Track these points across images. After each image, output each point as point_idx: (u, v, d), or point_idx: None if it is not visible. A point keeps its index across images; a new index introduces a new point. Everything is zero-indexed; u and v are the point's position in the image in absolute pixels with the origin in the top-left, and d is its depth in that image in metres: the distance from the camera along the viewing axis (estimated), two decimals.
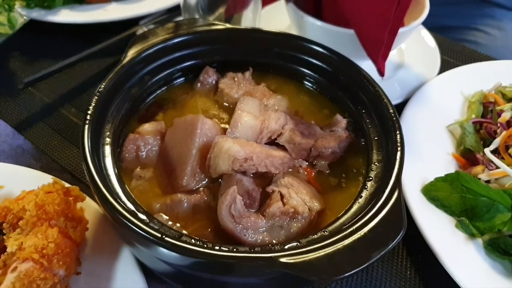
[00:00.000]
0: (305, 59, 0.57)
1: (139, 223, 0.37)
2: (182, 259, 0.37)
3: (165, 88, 0.57)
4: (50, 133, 0.68)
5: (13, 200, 0.49)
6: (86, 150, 0.42)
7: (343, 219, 0.41)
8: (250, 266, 0.36)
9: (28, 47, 0.82)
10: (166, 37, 0.57)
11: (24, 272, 0.42)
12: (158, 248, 0.37)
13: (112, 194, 0.39)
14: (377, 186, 0.44)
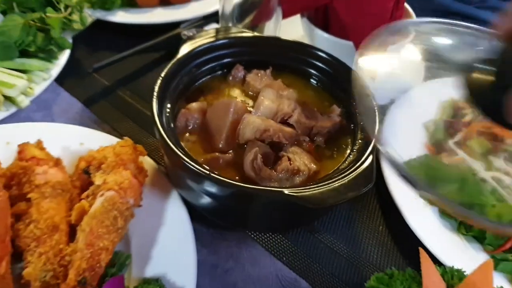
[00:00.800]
0: (312, 62, 0.75)
1: (194, 163, 0.56)
2: (222, 190, 0.55)
3: (206, 78, 0.75)
4: (110, 109, 0.87)
5: (95, 151, 0.68)
6: (155, 116, 0.61)
7: (331, 175, 0.60)
8: (265, 196, 0.55)
9: (92, 41, 1.02)
10: (209, 39, 0.76)
11: (109, 197, 0.60)
12: (206, 181, 0.55)
13: (175, 145, 0.58)
14: (358, 155, 0.62)
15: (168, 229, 0.63)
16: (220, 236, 0.68)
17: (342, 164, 0.62)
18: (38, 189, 0.61)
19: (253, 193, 0.54)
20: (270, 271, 0.64)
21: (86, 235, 0.56)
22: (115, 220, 0.58)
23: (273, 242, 0.67)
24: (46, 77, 0.84)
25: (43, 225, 0.57)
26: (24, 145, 0.66)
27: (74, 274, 0.53)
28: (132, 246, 0.62)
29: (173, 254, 0.61)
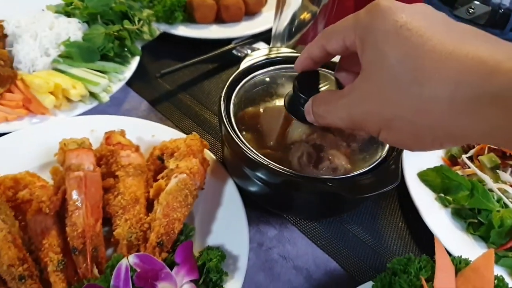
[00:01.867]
0: None
1: (253, 154, 0.69)
2: (275, 178, 0.68)
3: (261, 87, 0.89)
4: (172, 109, 1.01)
5: (168, 142, 0.82)
6: (223, 116, 0.75)
7: (364, 173, 0.72)
8: (311, 185, 0.67)
9: (157, 50, 1.17)
10: (264, 57, 0.90)
11: (182, 179, 0.74)
12: (263, 170, 0.68)
13: (238, 139, 0.71)
14: (386, 159, 0.75)
15: (224, 209, 0.76)
16: (266, 220, 0.80)
17: (372, 166, 0.75)
18: (123, 169, 0.75)
19: (300, 181, 0.67)
20: (306, 251, 0.77)
21: (164, 207, 0.69)
22: (186, 197, 0.71)
23: (309, 228, 0.80)
24: (121, 78, 0.99)
25: (127, 197, 0.71)
26: (111, 133, 0.80)
27: (155, 237, 0.66)
28: (195, 221, 0.75)
29: (229, 229, 0.73)
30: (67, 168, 0.70)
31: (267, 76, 0.89)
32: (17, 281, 0.58)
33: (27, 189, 0.69)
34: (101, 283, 0.58)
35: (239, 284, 0.66)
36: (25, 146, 0.81)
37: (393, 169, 0.70)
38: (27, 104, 0.89)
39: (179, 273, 0.62)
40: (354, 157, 0.79)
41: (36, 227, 0.65)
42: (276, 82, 0.88)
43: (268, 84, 0.89)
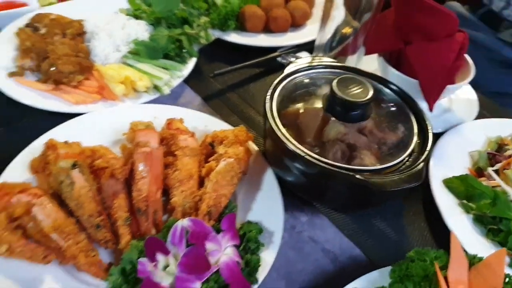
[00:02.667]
0: (384, 91, 0.98)
1: (293, 146, 0.80)
2: (311, 168, 0.78)
3: (302, 90, 1.00)
4: (222, 105, 1.13)
5: (218, 131, 0.94)
6: (267, 112, 0.86)
7: (391, 171, 0.81)
8: (341, 177, 0.77)
9: (211, 54, 1.30)
10: (307, 64, 1.01)
11: (230, 162, 0.85)
12: (301, 161, 0.78)
13: (280, 133, 0.82)
14: (412, 161, 0.83)
15: (263, 193, 0.87)
16: (299, 207, 0.90)
17: (399, 166, 0.84)
18: (181, 149, 0.87)
19: (333, 172, 0.77)
20: (333, 237, 0.86)
21: (213, 184, 0.81)
22: (232, 178, 0.83)
23: (338, 218, 0.89)
24: (180, 75, 1.13)
25: (184, 173, 0.83)
26: (172, 120, 0.93)
27: (205, 206, 0.78)
28: (238, 200, 0.86)
29: (266, 210, 0.84)
30: (136, 144, 0.83)
31: (307, 78, 1.00)
32: (95, 229, 0.71)
33: (101, 159, 0.82)
34: (161, 237, 0.70)
35: (273, 255, 0.76)
36: (98, 125, 0.95)
37: (418, 170, 0.79)
38: (101, 91, 1.03)
39: (224, 238, 0.73)
40: (383, 158, 0.88)
41: (109, 190, 0.78)
42: (315, 84, 0.99)
43: (308, 86, 0.99)
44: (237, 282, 0.67)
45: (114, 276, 0.68)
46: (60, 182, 0.74)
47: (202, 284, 0.66)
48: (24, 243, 0.66)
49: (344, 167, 0.77)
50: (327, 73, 1.00)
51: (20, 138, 0.88)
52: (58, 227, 0.69)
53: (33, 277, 0.68)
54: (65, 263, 0.69)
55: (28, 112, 0.99)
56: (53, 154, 0.77)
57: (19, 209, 0.69)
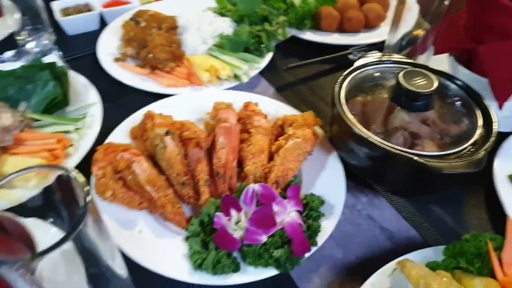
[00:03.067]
0: (452, 87, 1.02)
1: (359, 130, 0.87)
2: (376, 151, 0.85)
3: (371, 83, 1.07)
4: (292, 96, 1.23)
5: (288, 115, 1.04)
6: (336, 98, 0.94)
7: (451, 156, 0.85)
8: (401, 159, 0.82)
9: (286, 49, 1.41)
10: (377, 59, 1.08)
11: (297, 141, 0.94)
12: (367, 143, 0.85)
13: (347, 118, 0.90)
14: (474, 151, 0.87)
15: (327, 171, 0.95)
16: (360, 189, 0.97)
17: (461, 154, 0.87)
18: (255, 128, 0.98)
19: (394, 155, 0.83)
20: (391, 218, 0.92)
21: (282, 159, 0.91)
22: (299, 156, 0.92)
23: (397, 201, 0.95)
24: (257, 67, 1.25)
25: (256, 147, 0.94)
26: (249, 103, 1.05)
27: (274, 176, 0.88)
28: (303, 176, 0.95)
29: (329, 186, 0.92)
30: (218, 120, 0.96)
31: (376, 71, 1.07)
32: (180, 186, 0.84)
33: (189, 131, 0.95)
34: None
35: (332, 225, 0.84)
36: (186, 105, 1.09)
37: (478, 158, 0.82)
38: (190, 77, 1.18)
39: (289, 203, 0.82)
40: (444, 148, 0.92)
41: (193, 156, 0.91)
42: (383, 77, 1.05)
43: (376, 79, 1.06)
44: (298, 239, 0.76)
45: (194, 226, 0.80)
46: (155, 146, 0.88)
47: (268, 237, 0.75)
48: (125, 191, 0.81)
49: (405, 150, 0.83)
50: (395, 68, 1.06)
51: (122, 112, 1.05)
52: (151, 181, 0.82)
53: (129, 220, 0.82)
54: (154, 212, 0.83)
55: (129, 91, 1.17)
56: (150, 123, 0.92)
57: (122, 164, 0.84)
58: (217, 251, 0.75)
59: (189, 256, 0.75)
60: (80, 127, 0.97)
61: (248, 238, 0.75)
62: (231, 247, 0.75)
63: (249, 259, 0.74)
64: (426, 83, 0.92)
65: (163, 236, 0.80)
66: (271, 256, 0.74)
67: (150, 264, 0.74)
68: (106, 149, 0.86)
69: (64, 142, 0.93)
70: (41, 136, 0.92)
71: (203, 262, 0.73)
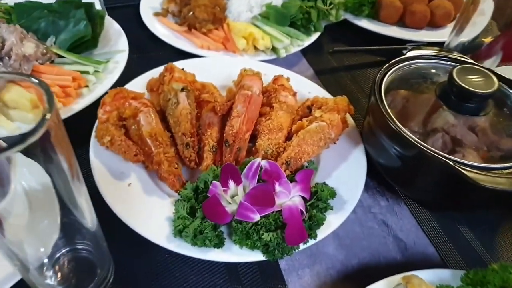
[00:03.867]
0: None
1: (395, 125, 0.77)
2: (409, 149, 0.74)
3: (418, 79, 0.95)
4: (332, 82, 1.13)
5: (319, 97, 0.95)
6: (375, 86, 0.84)
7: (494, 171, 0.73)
8: (440, 162, 0.71)
9: (336, 32, 1.31)
10: (432, 53, 0.95)
11: (322, 125, 0.85)
12: (400, 140, 0.74)
13: (384, 110, 0.80)
14: None
15: (348, 164, 0.85)
16: (381, 191, 0.86)
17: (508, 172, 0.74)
18: (279, 103, 0.90)
19: (432, 156, 0.71)
20: (409, 229, 0.80)
21: (299, 140, 0.82)
22: (319, 140, 0.83)
23: (420, 212, 0.83)
24: (300, 44, 1.16)
25: (275, 123, 0.86)
26: (279, 76, 0.96)
27: (286, 156, 0.79)
28: (320, 164, 0.86)
29: (345, 179, 0.82)
30: (240, 87, 0.89)
31: (428, 66, 0.94)
32: (184, 146, 0.78)
33: (208, 94, 0.89)
34: None
35: (339, 221, 0.74)
36: (214, 68, 1.03)
37: None
38: (225, 42, 1.12)
39: (295, 187, 0.74)
40: (489, 161, 0.79)
41: (206, 120, 0.85)
42: (434, 73, 0.93)
43: (426, 74, 0.94)
44: (294, 226, 0.67)
45: (187, 190, 0.73)
46: (167, 100, 0.83)
47: (261, 217, 0.67)
48: (124, 139, 0.76)
49: (442, 154, 0.72)
50: (450, 65, 0.94)
51: (148, 64, 1.00)
52: (154, 135, 0.77)
53: (122, 171, 0.77)
54: (150, 169, 0.77)
55: (161, 47, 1.13)
56: (169, 76, 0.86)
57: (128, 111, 0.79)
58: (203, 220, 0.68)
59: (172, 220, 0.69)
60: (100, 71, 0.93)
61: (239, 213, 0.67)
62: (219, 219, 0.68)
63: (236, 237, 0.67)
64: (484, 83, 0.79)
65: (152, 194, 0.74)
66: (260, 238, 0.66)
67: (129, 219, 0.68)
68: (116, 93, 0.82)
69: (80, 81, 0.89)
70: (58, 71, 0.90)
71: (184, 229, 0.66)
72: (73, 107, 0.86)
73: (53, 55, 0.94)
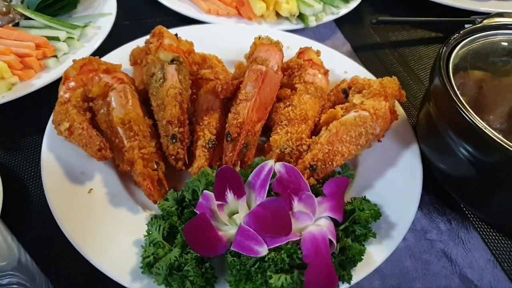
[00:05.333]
0: None
1: (471, 116, 0.53)
2: (490, 152, 0.51)
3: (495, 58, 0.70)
4: (374, 60, 0.91)
5: (360, 78, 0.71)
6: (441, 68, 0.60)
7: None
8: None
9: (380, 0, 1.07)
10: None
11: (363, 115, 0.62)
12: (478, 139, 0.51)
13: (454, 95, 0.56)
14: None
15: (397, 172, 0.63)
16: (441, 208, 0.64)
17: None
18: (305, 84, 0.67)
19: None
20: (482, 266, 0.58)
21: (331, 135, 0.59)
22: (359, 136, 0.60)
23: (497, 241, 0.60)
24: (335, 12, 0.93)
25: (297, 112, 0.63)
26: (306, 48, 0.73)
27: (310, 158, 0.57)
28: (358, 169, 0.63)
29: (394, 194, 0.59)
30: (253, 60, 0.66)
31: None
32: (169, 139, 0.57)
33: (210, 70, 0.67)
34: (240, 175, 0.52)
35: (385, 254, 0.52)
36: (223, 39, 0.81)
37: None
38: (240, 6, 0.89)
39: (322, 205, 0.51)
40: None
41: (204, 103, 0.63)
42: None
43: (510, 49, 0.69)
44: (318, 265, 0.45)
45: (169, 202, 0.52)
46: (151, 75, 0.61)
47: (270, 250, 0.45)
48: (86, 127, 0.55)
49: None
50: None
51: (142, 33, 0.79)
52: (127, 122, 0.56)
53: (83, 171, 0.56)
54: (122, 169, 0.56)
55: (161, 12, 0.92)
56: (156, 43, 0.64)
57: (96, 89, 0.58)
58: (185, 250, 0.46)
59: (143, 247, 0.48)
60: (74, 37, 0.73)
61: (238, 243, 0.46)
62: (208, 249, 0.46)
63: (231, 278, 0.46)
64: None
65: (121, 205, 0.54)
66: (267, 282, 0.44)
67: (82, 243, 0.48)
68: (84, 64, 0.61)
69: (45, 50, 0.69)
70: (19, 35, 0.70)
71: (156, 262, 0.45)
72: (34, 83, 0.66)
73: (17, 15, 0.74)
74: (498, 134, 0.56)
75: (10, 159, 0.62)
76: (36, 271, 0.44)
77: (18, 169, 0.61)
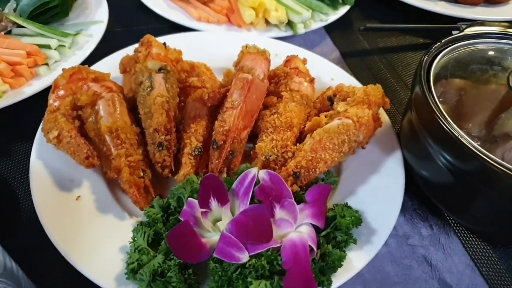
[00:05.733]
0: None
1: (448, 124, 0.54)
2: (466, 160, 0.52)
3: (475, 66, 0.71)
4: (363, 67, 0.91)
5: (345, 86, 0.73)
6: (421, 73, 0.61)
7: None
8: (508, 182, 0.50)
9: (370, 8, 1.08)
10: (498, 31, 0.71)
11: (346, 123, 0.63)
12: (454, 146, 0.52)
13: (434, 104, 0.57)
14: None
15: (379, 178, 0.64)
16: (423, 214, 0.65)
17: None
18: (290, 92, 0.69)
19: (498, 175, 0.49)
20: (462, 271, 0.59)
21: (314, 142, 0.60)
22: (342, 144, 0.61)
23: (477, 247, 0.61)
24: (324, 19, 0.94)
25: (283, 119, 0.65)
26: (293, 56, 0.75)
27: (294, 165, 0.58)
28: (342, 176, 0.65)
29: (376, 200, 0.61)
30: (239, 69, 0.67)
31: (492, 48, 0.71)
32: (155, 147, 0.58)
33: (198, 78, 0.68)
34: (225, 182, 0.53)
35: (365, 260, 0.53)
36: (212, 47, 0.82)
37: None
38: (230, 13, 0.91)
39: (303, 211, 0.53)
40: None
41: (191, 111, 0.64)
42: (501, 57, 0.70)
43: (491, 58, 0.71)
44: (297, 273, 0.46)
45: (154, 209, 0.53)
46: (139, 83, 0.63)
47: (251, 257, 0.47)
48: (74, 135, 0.56)
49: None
50: None
51: (135, 41, 0.80)
52: (115, 130, 0.57)
53: (72, 179, 0.57)
54: (109, 176, 0.57)
55: (152, 19, 0.94)
56: (144, 52, 0.66)
57: (85, 97, 0.59)
58: (168, 256, 0.48)
59: (128, 253, 0.49)
60: (66, 45, 0.74)
61: (220, 250, 0.47)
62: (191, 256, 0.48)
63: (213, 283, 0.47)
64: None
65: (108, 212, 0.55)
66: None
67: (68, 248, 0.49)
68: (73, 73, 0.62)
69: (36, 58, 0.70)
70: (10, 43, 0.71)
71: (140, 268, 0.47)
72: (24, 90, 0.67)
73: (9, 23, 0.75)
74: (477, 142, 0.57)
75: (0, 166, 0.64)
76: (22, 277, 0.45)
77: (8, 176, 0.62)
